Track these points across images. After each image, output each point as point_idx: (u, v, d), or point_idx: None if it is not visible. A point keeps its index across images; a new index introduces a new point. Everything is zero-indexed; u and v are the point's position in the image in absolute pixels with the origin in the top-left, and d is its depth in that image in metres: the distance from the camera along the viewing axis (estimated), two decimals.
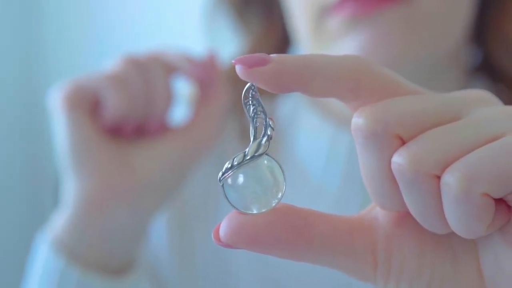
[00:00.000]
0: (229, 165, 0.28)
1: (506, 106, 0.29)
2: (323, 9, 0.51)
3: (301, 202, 0.31)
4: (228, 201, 0.29)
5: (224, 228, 0.28)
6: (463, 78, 0.58)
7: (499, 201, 0.27)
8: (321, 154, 0.58)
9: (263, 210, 0.29)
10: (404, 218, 0.31)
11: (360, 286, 0.33)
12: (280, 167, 0.29)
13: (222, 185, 0.29)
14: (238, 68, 0.28)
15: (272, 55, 0.28)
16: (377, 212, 0.31)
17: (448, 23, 0.53)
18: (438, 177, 0.27)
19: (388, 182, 0.28)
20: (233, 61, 0.28)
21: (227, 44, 0.63)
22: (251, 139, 0.29)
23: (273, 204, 0.29)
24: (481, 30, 0.58)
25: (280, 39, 0.62)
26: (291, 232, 0.29)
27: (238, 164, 0.28)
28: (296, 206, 0.30)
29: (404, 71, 0.51)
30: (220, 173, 0.29)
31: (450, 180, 0.26)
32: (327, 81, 0.28)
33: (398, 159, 0.27)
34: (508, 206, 0.28)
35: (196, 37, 0.63)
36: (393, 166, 0.27)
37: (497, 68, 0.58)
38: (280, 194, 0.29)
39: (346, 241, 0.30)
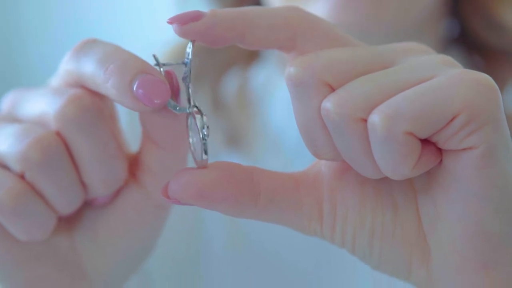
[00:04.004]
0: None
1: (439, 54, 0.30)
2: None
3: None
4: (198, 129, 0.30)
5: (172, 185, 0.29)
6: (439, 48, 0.58)
7: (428, 143, 0.28)
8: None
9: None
10: (346, 169, 0.31)
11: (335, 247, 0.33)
12: None
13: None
14: (174, 27, 0.29)
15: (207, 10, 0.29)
16: (321, 166, 0.32)
17: None
18: (365, 120, 0.27)
19: (320, 129, 0.29)
20: (167, 20, 0.28)
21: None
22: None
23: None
24: (458, 1, 0.58)
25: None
26: (237, 188, 0.29)
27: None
28: (240, 164, 0.30)
29: (374, 35, 0.51)
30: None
31: (375, 120, 0.27)
32: (262, 30, 0.29)
33: (326, 105, 0.28)
34: (438, 149, 0.28)
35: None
36: (322, 112, 0.28)
37: (473, 39, 0.59)
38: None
39: (292, 195, 0.31)
